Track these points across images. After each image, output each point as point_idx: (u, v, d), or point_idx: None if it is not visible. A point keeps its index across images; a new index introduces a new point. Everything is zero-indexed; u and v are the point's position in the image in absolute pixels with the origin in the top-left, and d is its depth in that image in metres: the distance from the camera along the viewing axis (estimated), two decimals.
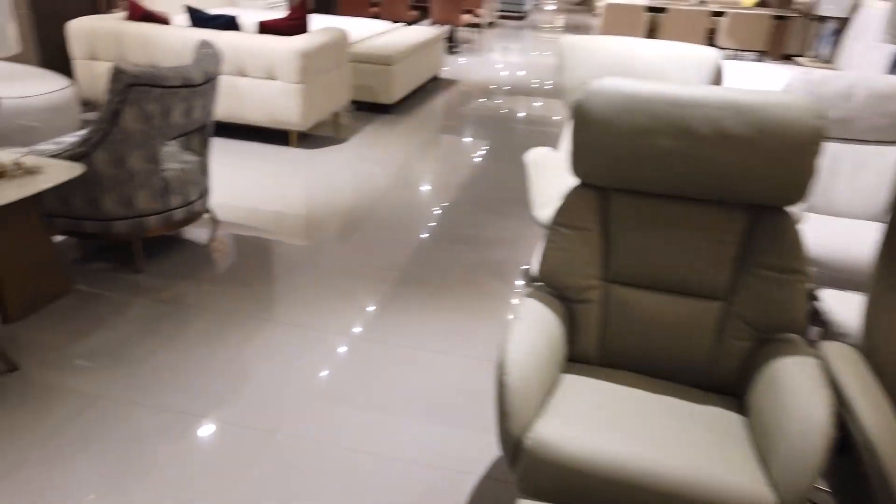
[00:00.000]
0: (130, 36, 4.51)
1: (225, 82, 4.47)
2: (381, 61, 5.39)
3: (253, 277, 2.94)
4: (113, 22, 4.59)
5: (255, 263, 3.07)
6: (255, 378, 2.31)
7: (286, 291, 2.85)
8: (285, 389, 2.26)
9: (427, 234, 3.47)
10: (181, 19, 5.41)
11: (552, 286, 1.82)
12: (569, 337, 1.81)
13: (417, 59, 6.04)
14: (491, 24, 11.75)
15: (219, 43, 4.37)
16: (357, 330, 2.61)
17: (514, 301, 2.89)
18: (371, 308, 2.77)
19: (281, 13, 6.24)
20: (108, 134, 2.61)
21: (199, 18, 4.59)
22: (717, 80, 2.91)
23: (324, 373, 2.36)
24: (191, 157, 3.03)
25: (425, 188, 4.10)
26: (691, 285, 1.76)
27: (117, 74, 2.50)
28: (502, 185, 4.21)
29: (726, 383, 1.74)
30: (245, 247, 3.22)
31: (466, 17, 8.48)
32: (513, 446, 1.49)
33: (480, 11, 9.29)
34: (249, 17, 5.52)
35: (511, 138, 5.21)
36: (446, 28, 8.16)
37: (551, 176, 2.88)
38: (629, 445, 1.46)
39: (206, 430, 2.06)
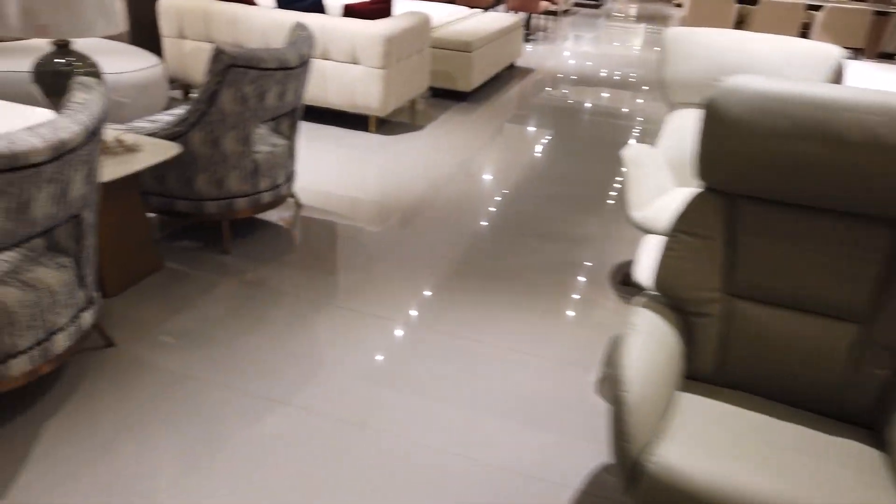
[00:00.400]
0: (218, 15, 4.55)
1: None
2: (461, 48, 5.30)
3: (333, 263, 2.92)
4: (201, 1, 4.64)
5: (335, 249, 3.05)
6: (338, 367, 2.28)
7: (366, 279, 2.82)
8: (368, 381, 2.22)
9: (506, 228, 3.38)
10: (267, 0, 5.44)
11: (668, 296, 1.71)
12: (685, 352, 1.70)
13: (496, 47, 5.92)
14: (566, 12, 11.49)
15: None
16: (440, 324, 2.56)
17: (580, 298, 2.77)
18: (454, 303, 2.71)
19: None
20: (205, 114, 2.62)
21: (286, 0, 4.59)
22: (837, 80, 2.71)
23: (408, 366, 2.31)
24: (280, 140, 3.02)
25: (502, 180, 4.01)
26: (825, 304, 1.62)
27: (218, 55, 2.50)
28: (582, 180, 4.08)
29: (860, 414, 1.60)
30: (326, 232, 3.20)
31: (544, 5, 8.29)
32: (630, 468, 1.40)
33: None
34: (334, 0, 5.50)
35: (588, 131, 5.05)
36: (523, 15, 8.00)
37: (650, 175, 2.75)
38: (761, 477, 1.35)
39: (290, 417, 2.05)
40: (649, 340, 1.56)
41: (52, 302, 1.84)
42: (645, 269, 2.12)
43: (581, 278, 2.96)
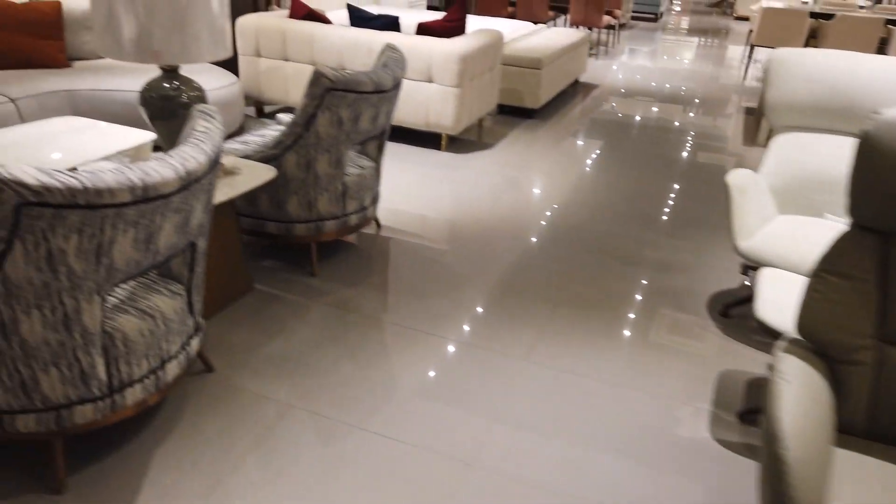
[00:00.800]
0: (294, 34, 4.59)
1: None
2: (531, 64, 5.24)
3: (417, 287, 2.87)
4: (277, 20, 4.68)
5: (417, 271, 3.00)
6: (433, 398, 2.22)
7: (452, 305, 2.76)
8: (466, 412, 2.16)
9: (586, 251, 3.29)
10: (336, 17, 5.48)
11: (813, 341, 1.60)
12: (834, 403, 1.59)
13: (564, 63, 5.85)
14: (622, 26, 11.35)
15: (375, 42, 4.36)
16: (533, 355, 2.48)
17: (678, 329, 2.66)
18: (544, 332, 2.62)
19: (420, 12, 6.21)
20: (301, 137, 2.60)
21: (360, 18, 4.60)
22: None
23: (504, 399, 2.23)
24: (367, 162, 3.00)
25: (576, 199, 3.91)
26: None
27: (317, 79, 2.48)
28: (663, 201, 3.96)
29: None
30: (407, 253, 3.16)
31: (607, 19, 8.18)
32: None
33: (618, 13, 8.96)
34: (408, 18, 5.51)
35: (655, 147, 4.92)
36: (586, 30, 7.90)
37: (755, 203, 2.63)
38: None
39: (397, 453, 1.99)
40: (802, 391, 1.45)
41: (166, 330, 1.83)
42: (770, 307, 2.01)
43: (674, 307, 2.85)
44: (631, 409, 2.23)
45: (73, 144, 2.86)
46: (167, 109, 2.32)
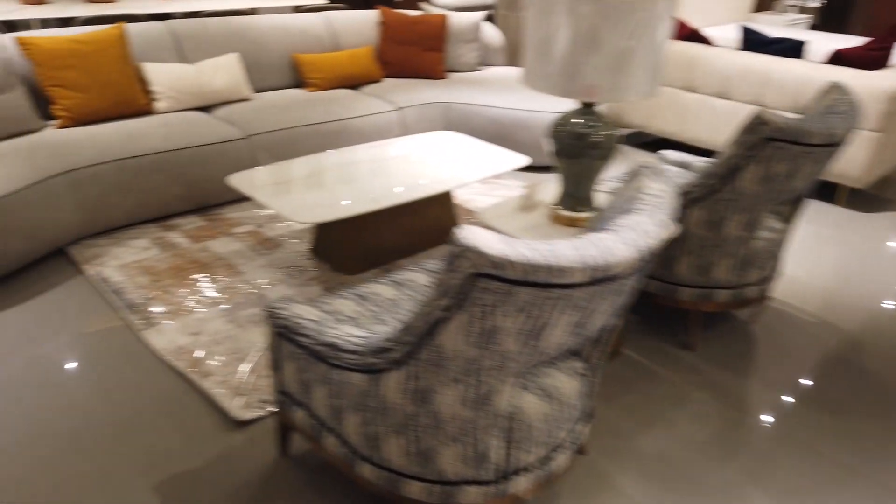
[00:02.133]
0: (674, 55, 4.16)
1: None
2: None
3: (821, 389, 2.24)
4: None
5: (817, 366, 2.35)
6: None
7: (881, 430, 2.07)
8: None
9: None
10: (715, 35, 4.90)
11: None
12: None
13: None
14: None
15: (774, 71, 3.71)
16: None
17: None
18: None
19: (827, 36, 5.27)
20: (716, 191, 2.17)
21: (755, 41, 3.98)
22: None
23: None
24: (779, 225, 2.44)
25: None
26: None
27: (756, 126, 2.02)
28: None
29: None
30: (804, 337, 2.52)
31: None
32: None
33: None
34: (815, 43, 4.70)
35: None
36: None
37: None
38: None
39: None
40: None
41: (563, 415, 1.56)
42: None
43: None
44: None
45: (454, 163, 2.83)
46: (576, 147, 2.08)
